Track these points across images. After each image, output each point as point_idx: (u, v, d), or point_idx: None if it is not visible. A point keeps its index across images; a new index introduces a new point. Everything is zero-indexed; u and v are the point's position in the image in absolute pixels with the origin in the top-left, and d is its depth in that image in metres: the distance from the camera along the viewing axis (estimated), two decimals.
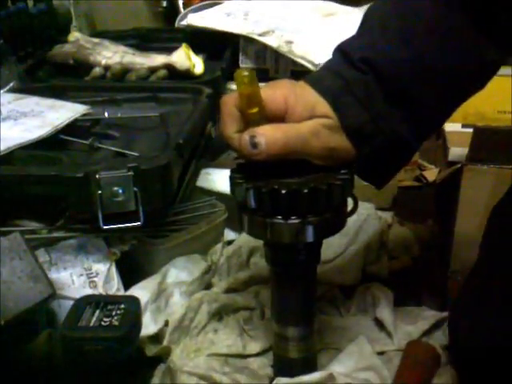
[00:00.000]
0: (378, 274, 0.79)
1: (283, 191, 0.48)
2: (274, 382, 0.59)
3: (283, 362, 0.60)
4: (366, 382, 0.59)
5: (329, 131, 0.51)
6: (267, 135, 0.49)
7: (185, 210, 0.81)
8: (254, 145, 0.49)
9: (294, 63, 1.06)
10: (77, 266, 0.69)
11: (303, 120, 0.51)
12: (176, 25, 1.36)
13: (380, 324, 0.69)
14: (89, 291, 0.68)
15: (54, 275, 0.66)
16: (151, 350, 0.65)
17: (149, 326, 0.65)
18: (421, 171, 1.13)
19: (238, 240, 0.82)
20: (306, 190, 0.48)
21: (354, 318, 0.71)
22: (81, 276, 0.69)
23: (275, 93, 0.51)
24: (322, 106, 0.51)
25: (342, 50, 0.54)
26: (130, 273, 0.73)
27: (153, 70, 1.04)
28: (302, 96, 0.52)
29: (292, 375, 0.59)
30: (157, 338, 0.66)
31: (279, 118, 0.51)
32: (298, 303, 0.57)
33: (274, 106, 0.51)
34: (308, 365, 0.60)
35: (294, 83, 0.53)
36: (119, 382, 0.58)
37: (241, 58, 1.13)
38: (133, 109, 0.92)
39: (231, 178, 0.52)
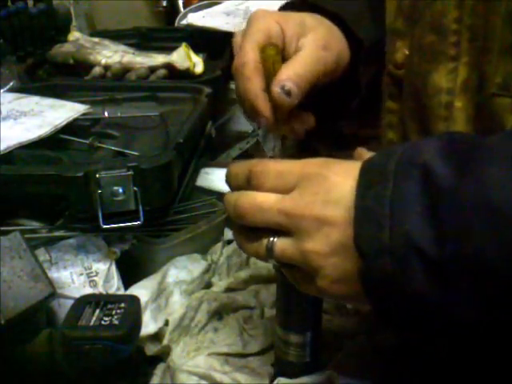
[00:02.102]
0: None
1: None
2: (275, 382, 0.59)
3: (284, 364, 0.60)
4: None
5: (329, 33, 0.53)
6: (291, 77, 0.47)
7: (185, 209, 0.80)
8: (288, 93, 0.47)
9: None
10: (77, 265, 0.69)
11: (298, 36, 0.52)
12: (176, 24, 1.36)
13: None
14: (89, 290, 0.68)
15: (54, 274, 0.66)
16: (151, 350, 0.65)
17: (149, 325, 0.65)
18: None
19: None
20: None
21: (354, 317, 0.71)
22: (81, 275, 0.69)
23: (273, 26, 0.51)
24: (310, 18, 0.54)
25: None
26: (130, 272, 0.73)
27: (153, 69, 1.04)
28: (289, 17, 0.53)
29: (292, 377, 0.58)
30: (157, 337, 0.66)
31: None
32: (304, 310, 0.55)
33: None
34: (309, 368, 0.59)
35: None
36: (119, 382, 0.59)
37: None
38: (133, 108, 0.93)
39: None
